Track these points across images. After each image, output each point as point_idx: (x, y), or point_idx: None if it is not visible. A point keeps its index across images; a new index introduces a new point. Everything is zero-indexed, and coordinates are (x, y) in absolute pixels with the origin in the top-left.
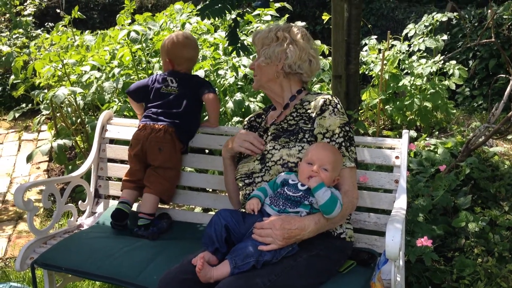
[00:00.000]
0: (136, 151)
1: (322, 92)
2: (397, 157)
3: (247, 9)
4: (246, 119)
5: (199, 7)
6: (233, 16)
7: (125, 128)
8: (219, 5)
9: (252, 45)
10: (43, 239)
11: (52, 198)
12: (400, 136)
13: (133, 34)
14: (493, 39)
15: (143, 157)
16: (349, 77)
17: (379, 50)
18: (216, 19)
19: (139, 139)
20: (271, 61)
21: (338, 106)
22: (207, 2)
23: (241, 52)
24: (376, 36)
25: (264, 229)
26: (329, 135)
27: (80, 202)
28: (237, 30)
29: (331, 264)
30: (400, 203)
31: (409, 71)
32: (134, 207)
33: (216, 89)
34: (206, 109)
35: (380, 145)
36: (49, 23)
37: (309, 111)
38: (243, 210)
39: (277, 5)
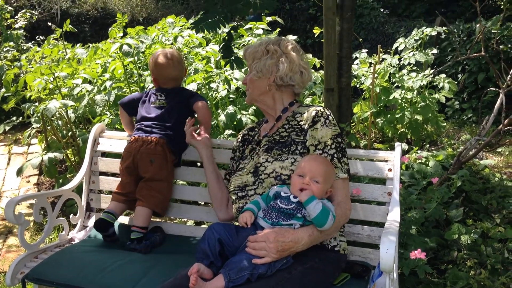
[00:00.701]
0: (128, 164)
1: (314, 104)
2: (390, 170)
3: (241, 22)
4: (240, 133)
5: (191, 21)
6: (227, 29)
7: (117, 141)
8: (214, 18)
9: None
10: (34, 253)
11: (42, 212)
12: (392, 149)
13: (125, 47)
14: (483, 53)
15: (134, 170)
16: (341, 90)
17: (370, 63)
18: (209, 32)
19: (131, 151)
20: (262, 74)
21: (330, 117)
22: (199, 15)
23: (235, 65)
24: (366, 50)
25: (258, 242)
26: (321, 147)
27: (71, 215)
28: (231, 43)
29: (326, 277)
30: (394, 216)
31: (399, 85)
32: (125, 220)
33: (208, 102)
34: (198, 118)
35: (373, 157)
36: (40, 36)
37: (301, 123)
38: (237, 224)
39: (269, 19)
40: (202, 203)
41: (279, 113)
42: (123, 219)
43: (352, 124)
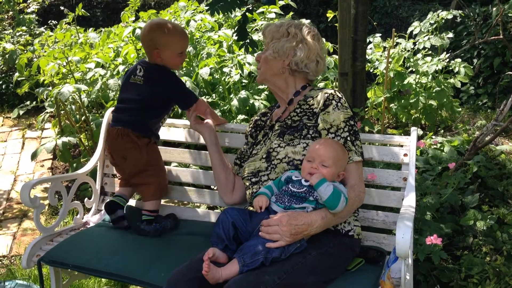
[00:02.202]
0: (111, 161)
1: (326, 87)
2: (405, 155)
3: (258, 3)
4: (252, 118)
5: (203, 5)
6: (241, 12)
7: None
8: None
9: (260, 42)
10: (49, 236)
11: (56, 196)
12: (405, 134)
13: (138, 31)
14: (501, 36)
15: (119, 164)
16: (356, 74)
17: (384, 48)
18: (221, 16)
19: (108, 149)
20: (278, 55)
21: (342, 100)
22: None
23: (249, 48)
24: (380, 34)
25: (271, 226)
26: (333, 130)
27: (86, 199)
28: (246, 25)
29: (340, 262)
30: (409, 201)
31: (414, 69)
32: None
33: (221, 87)
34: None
35: (388, 142)
36: (52, 21)
37: (312, 106)
38: (251, 208)
39: (281, 2)
40: (215, 188)
41: (291, 96)
42: (133, 203)
43: (365, 109)
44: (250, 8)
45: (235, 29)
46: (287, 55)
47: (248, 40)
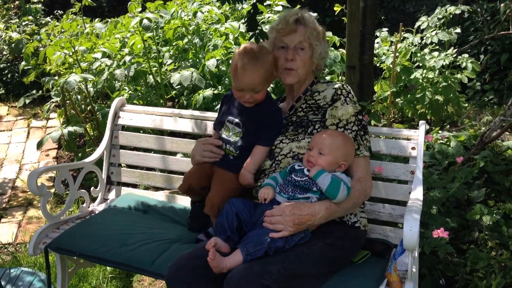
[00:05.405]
0: None
1: (332, 81)
2: (413, 148)
3: None
4: None
5: None
6: (250, 3)
7: (138, 115)
8: None
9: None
10: (55, 224)
11: (62, 185)
12: (411, 129)
13: (145, 22)
14: (510, 31)
15: None
16: (363, 67)
17: (391, 42)
18: (234, 4)
19: None
20: (320, 59)
21: (350, 95)
22: None
23: (260, 39)
24: (387, 29)
25: (274, 216)
26: (342, 125)
27: (92, 188)
28: (256, 15)
29: (345, 253)
30: (417, 194)
31: (420, 64)
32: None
33: (227, 79)
34: None
35: (396, 136)
36: (58, 11)
37: (318, 101)
38: (256, 201)
39: None
40: None
41: (300, 94)
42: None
43: (372, 103)
44: None
45: (245, 19)
46: (323, 57)
47: (258, 31)
